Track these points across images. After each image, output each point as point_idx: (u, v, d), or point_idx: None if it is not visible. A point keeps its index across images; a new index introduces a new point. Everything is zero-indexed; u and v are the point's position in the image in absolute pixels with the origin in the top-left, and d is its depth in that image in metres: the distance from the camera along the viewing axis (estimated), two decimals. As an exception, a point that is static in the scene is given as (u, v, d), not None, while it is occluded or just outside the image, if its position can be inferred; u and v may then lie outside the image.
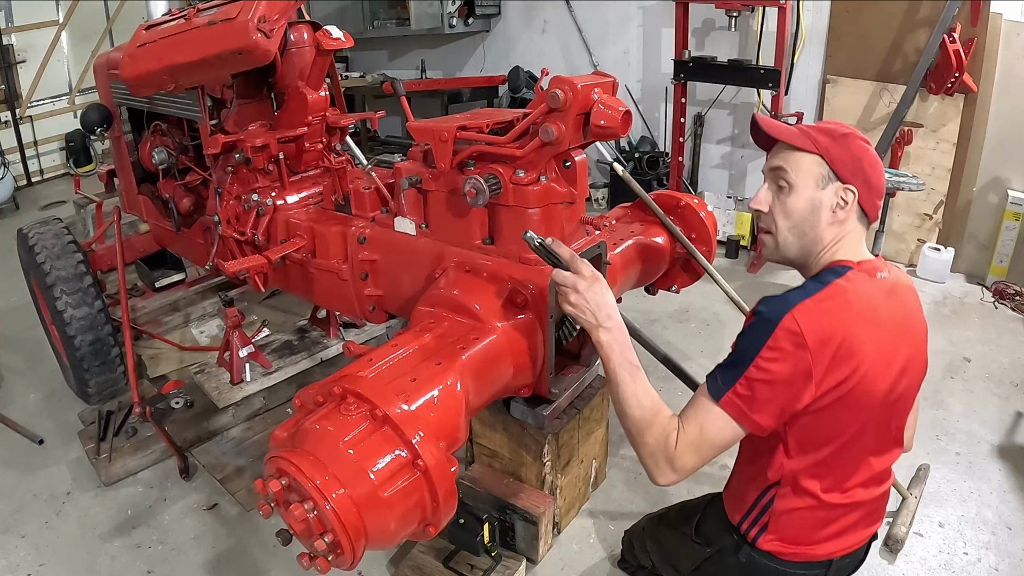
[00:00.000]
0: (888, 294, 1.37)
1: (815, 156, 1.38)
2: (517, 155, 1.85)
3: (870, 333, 1.30)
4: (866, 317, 1.31)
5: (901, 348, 1.36)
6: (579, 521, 2.48)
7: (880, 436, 1.41)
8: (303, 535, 1.39)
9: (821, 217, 1.39)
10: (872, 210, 1.41)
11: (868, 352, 1.29)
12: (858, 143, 1.39)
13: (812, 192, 1.39)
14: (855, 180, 1.37)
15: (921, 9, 4.20)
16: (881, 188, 1.41)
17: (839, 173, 1.37)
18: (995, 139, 4.22)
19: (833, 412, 1.31)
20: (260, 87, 2.60)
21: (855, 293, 1.32)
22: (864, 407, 1.33)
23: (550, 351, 1.95)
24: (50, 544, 2.47)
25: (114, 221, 3.31)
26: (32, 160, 7.15)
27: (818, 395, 1.28)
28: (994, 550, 2.33)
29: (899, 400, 1.40)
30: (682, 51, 4.77)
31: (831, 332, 1.26)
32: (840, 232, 1.40)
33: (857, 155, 1.38)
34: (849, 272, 1.35)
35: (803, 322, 1.25)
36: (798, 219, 1.41)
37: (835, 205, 1.38)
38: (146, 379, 3.26)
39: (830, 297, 1.30)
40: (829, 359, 1.26)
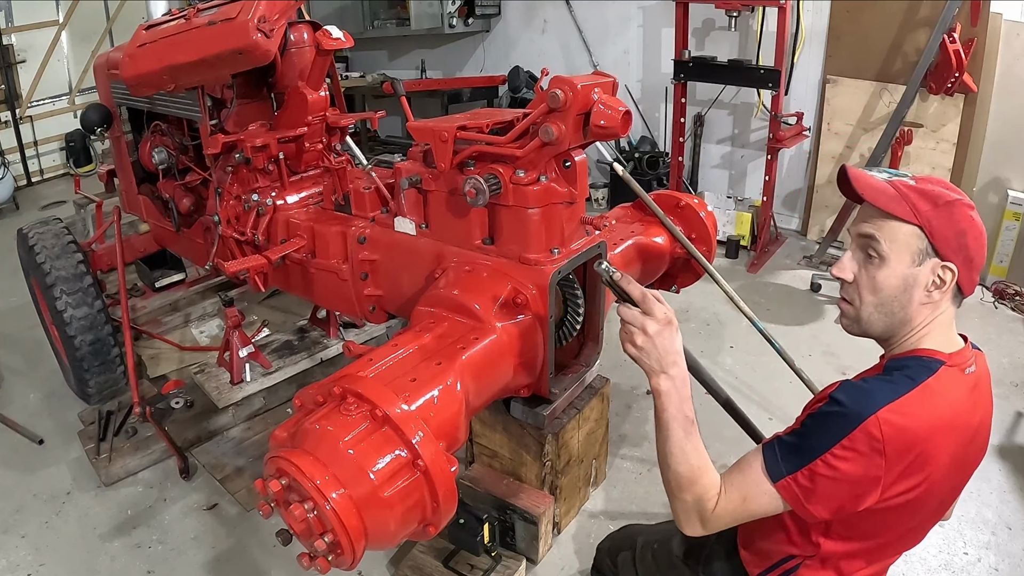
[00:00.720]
0: (972, 392, 1.25)
1: (914, 227, 1.22)
2: (517, 155, 1.85)
3: (949, 442, 1.19)
4: (949, 425, 1.19)
5: (972, 449, 1.26)
6: (579, 521, 2.48)
7: (927, 526, 1.36)
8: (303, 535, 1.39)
9: (914, 296, 1.24)
10: (969, 286, 1.25)
11: (942, 462, 1.19)
12: (964, 213, 1.23)
13: (906, 268, 1.24)
14: (956, 258, 1.21)
15: (921, 9, 4.20)
16: (981, 262, 1.25)
17: (939, 249, 1.21)
18: (995, 139, 4.22)
19: (891, 513, 1.23)
20: (260, 87, 2.60)
21: (944, 398, 1.19)
22: (924, 509, 1.26)
23: (550, 351, 1.95)
24: (50, 544, 2.47)
25: (114, 221, 3.31)
26: (32, 160, 7.15)
27: (881, 499, 1.18)
28: (994, 550, 2.33)
29: (941, 505, 1.32)
30: (682, 51, 4.77)
31: (913, 441, 1.15)
32: (933, 313, 1.26)
33: (962, 228, 1.22)
34: (941, 369, 1.21)
35: (887, 429, 1.13)
36: (887, 296, 1.26)
37: (930, 284, 1.23)
38: (146, 379, 3.25)
39: (920, 402, 1.17)
40: (903, 468, 1.16)
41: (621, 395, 3.14)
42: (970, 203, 1.26)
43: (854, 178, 1.31)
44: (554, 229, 1.95)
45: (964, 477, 1.32)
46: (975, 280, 1.26)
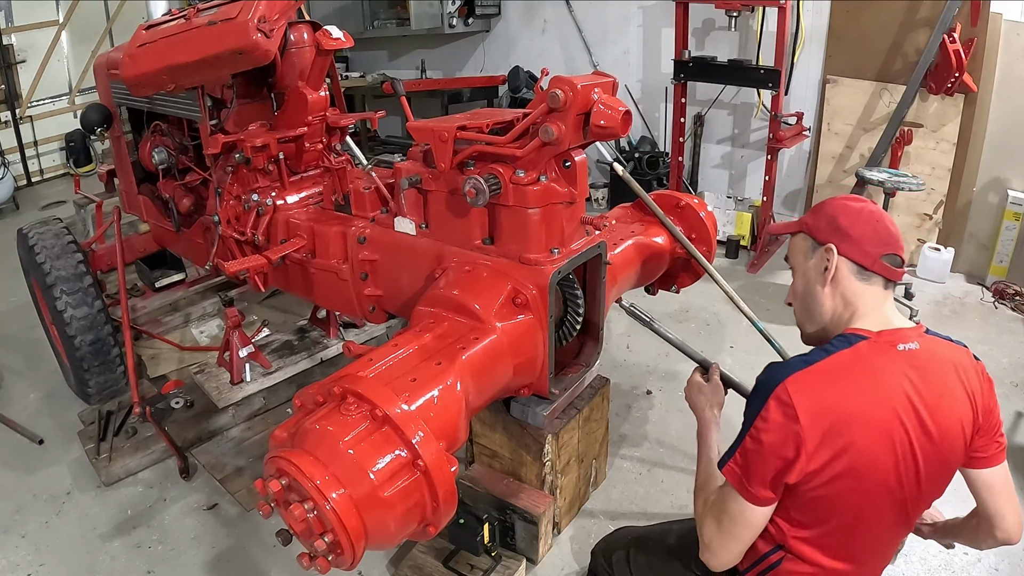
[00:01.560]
0: (911, 370, 1.28)
1: (800, 234, 1.46)
2: (517, 155, 1.85)
3: (874, 411, 1.24)
4: (871, 394, 1.24)
5: (915, 437, 1.26)
6: (579, 521, 2.48)
7: (895, 519, 1.35)
8: (303, 535, 1.39)
9: (816, 287, 1.41)
10: (867, 259, 1.35)
11: (867, 431, 1.23)
12: (838, 203, 1.42)
13: (804, 265, 1.44)
14: (831, 238, 1.38)
15: (921, 9, 4.20)
16: (870, 234, 1.36)
17: (817, 238, 1.41)
18: (995, 139, 4.22)
19: (832, 490, 1.26)
20: (260, 87, 2.60)
21: (862, 366, 1.26)
22: (868, 489, 1.27)
23: (550, 351, 1.95)
24: (50, 544, 2.47)
25: (114, 221, 3.31)
26: (32, 160, 7.16)
27: (811, 470, 1.24)
28: (994, 550, 2.32)
29: (919, 485, 1.32)
30: (682, 51, 4.77)
31: (825, 405, 1.22)
32: (845, 298, 1.37)
33: (832, 215, 1.40)
34: (861, 343, 1.30)
35: (795, 393, 1.23)
36: (800, 295, 1.46)
37: (822, 269, 1.39)
38: (146, 379, 3.25)
39: (830, 369, 1.26)
40: (822, 433, 1.22)
41: (621, 395, 3.14)
42: (855, 197, 1.45)
43: (771, 231, 1.63)
44: (554, 229, 1.95)
45: (925, 468, 1.29)
46: (869, 252, 1.36)
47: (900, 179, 3.77)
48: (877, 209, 1.41)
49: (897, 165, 4.42)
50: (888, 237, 1.37)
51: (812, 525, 1.32)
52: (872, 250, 1.35)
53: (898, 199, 4.36)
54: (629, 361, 3.47)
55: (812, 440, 1.21)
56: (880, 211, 1.41)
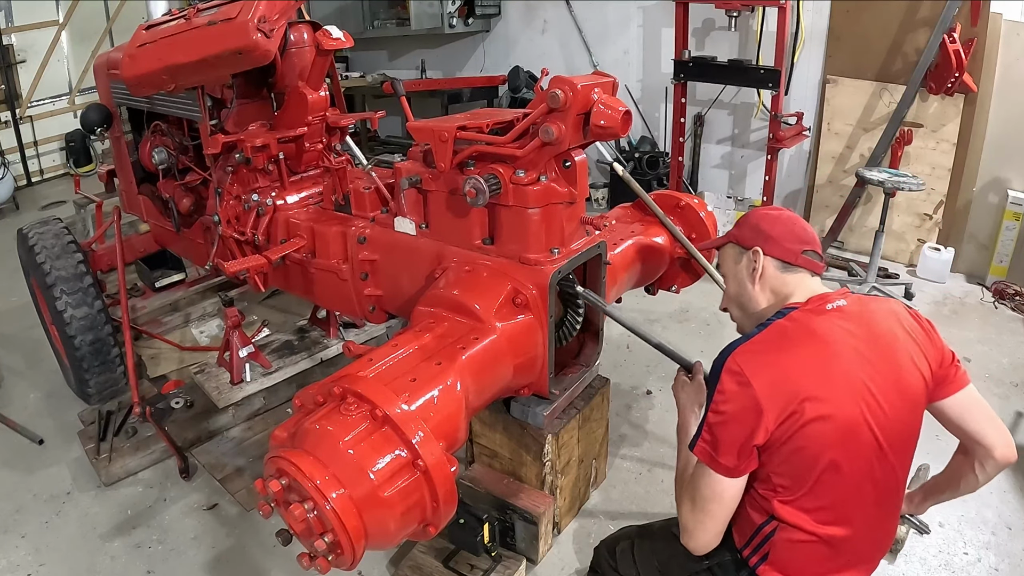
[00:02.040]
0: (844, 321, 1.41)
1: (728, 244, 1.65)
2: (517, 155, 1.85)
3: (818, 364, 1.35)
4: (811, 349, 1.37)
5: (865, 374, 1.36)
6: (579, 521, 2.48)
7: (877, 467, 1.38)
8: (303, 535, 1.39)
9: (747, 286, 1.58)
10: (789, 255, 1.52)
11: (817, 383, 1.33)
12: (759, 213, 1.61)
13: (734, 269, 1.62)
14: (756, 241, 1.56)
15: (921, 9, 4.20)
16: (788, 234, 1.53)
17: (743, 243, 1.59)
18: (995, 139, 4.22)
19: (800, 444, 1.33)
20: (260, 87, 2.60)
21: (797, 329, 1.41)
22: (838, 432, 1.32)
23: (550, 351, 1.95)
24: (50, 544, 2.47)
25: (114, 221, 3.31)
26: (32, 160, 7.16)
27: (776, 429, 1.32)
28: (994, 550, 2.33)
29: (888, 421, 1.37)
30: (682, 51, 4.77)
31: (772, 367, 1.34)
32: (774, 290, 1.55)
33: (754, 222, 1.59)
34: (793, 312, 1.45)
35: (743, 362, 1.35)
36: (734, 297, 1.64)
37: (750, 270, 1.56)
38: (146, 379, 3.25)
39: (770, 336, 1.41)
40: (776, 392, 1.32)
41: (621, 395, 3.14)
42: (774, 207, 1.65)
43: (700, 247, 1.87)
44: (554, 229, 1.95)
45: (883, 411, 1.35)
46: (790, 248, 1.53)
47: (900, 179, 3.77)
48: (794, 214, 1.61)
49: (897, 165, 4.42)
50: (805, 236, 1.55)
51: (794, 487, 1.36)
52: (792, 247, 1.53)
53: (898, 199, 4.37)
54: (629, 361, 3.47)
55: (768, 399, 1.31)
56: (795, 216, 1.60)
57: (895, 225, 4.57)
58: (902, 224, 4.59)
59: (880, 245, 3.97)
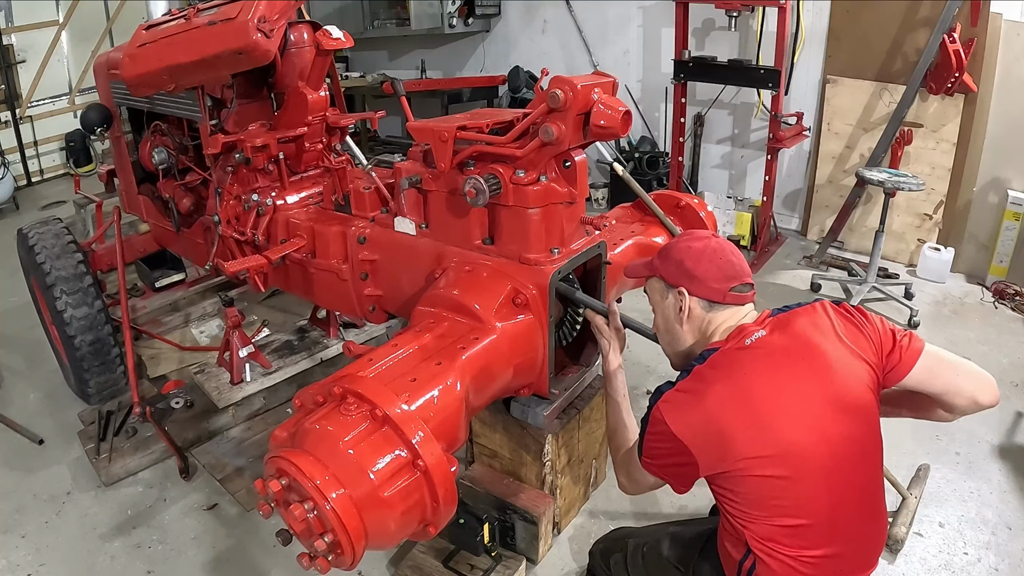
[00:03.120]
0: (766, 354, 1.39)
1: (655, 277, 1.59)
2: (517, 155, 1.85)
3: (747, 415, 1.32)
4: (736, 400, 1.34)
5: (799, 404, 1.34)
6: (579, 521, 2.48)
7: (842, 492, 1.35)
8: (303, 535, 1.39)
9: (674, 323, 1.55)
10: (716, 295, 1.49)
11: (749, 437, 1.31)
12: (680, 247, 1.54)
13: (662, 306, 1.59)
14: (680, 281, 1.51)
15: (921, 9, 4.20)
16: (715, 272, 1.48)
17: (668, 281, 1.54)
18: (995, 139, 4.22)
19: (746, 489, 1.34)
20: (260, 87, 2.60)
21: (718, 376, 1.37)
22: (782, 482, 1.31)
23: (550, 351, 1.95)
24: (50, 544, 2.47)
25: (114, 221, 3.31)
26: (32, 160, 7.15)
27: (713, 473, 1.35)
28: (994, 550, 2.33)
29: (850, 453, 1.35)
30: (682, 51, 4.77)
31: (695, 422, 1.34)
32: (701, 329, 1.52)
33: (678, 258, 1.52)
34: (713, 355, 1.42)
35: (666, 413, 1.37)
36: (663, 332, 1.61)
37: (677, 310, 1.53)
38: (146, 379, 3.25)
39: (691, 387, 1.39)
40: (705, 446, 1.33)
41: (621, 395, 3.14)
42: (698, 236, 1.56)
43: (625, 270, 1.74)
44: (554, 229, 1.95)
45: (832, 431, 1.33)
46: (716, 288, 1.49)
47: (900, 179, 3.77)
48: (719, 244, 1.53)
49: (897, 165, 4.42)
50: (731, 270, 1.49)
51: (758, 518, 1.35)
52: (719, 286, 1.49)
53: (898, 199, 4.37)
54: (629, 361, 3.47)
55: (698, 449, 1.33)
56: (721, 245, 1.52)
57: (895, 225, 4.57)
58: (902, 224, 4.59)
59: (880, 245, 3.97)
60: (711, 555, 1.54)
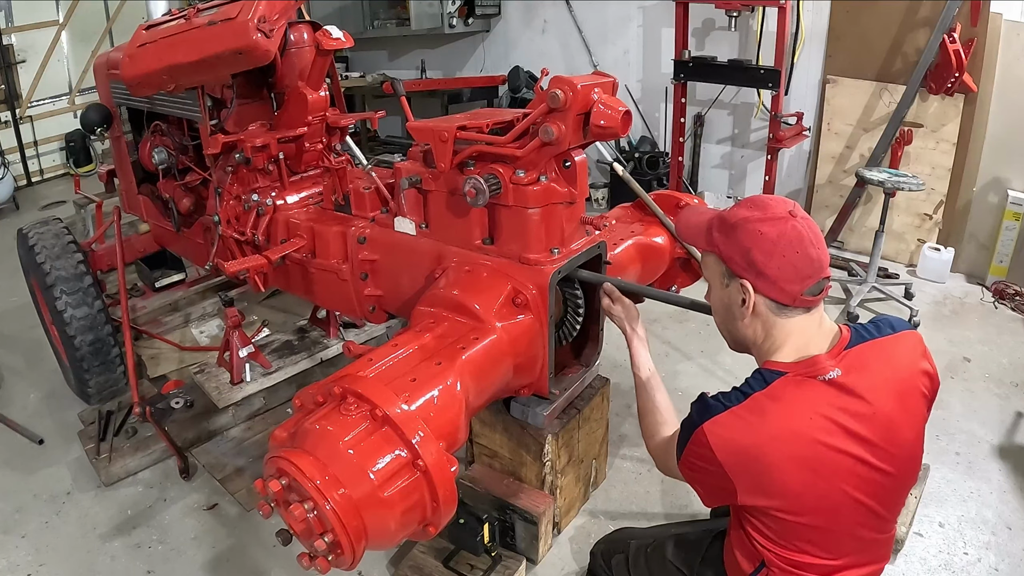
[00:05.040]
0: (835, 394, 1.25)
1: (713, 255, 1.37)
2: (517, 155, 1.85)
3: (797, 453, 1.22)
4: (788, 432, 1.22)
5: (858, 458, 1.24)
6: (579, 521, 2.48)
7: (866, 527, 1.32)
8: (303, 535, 1.39)
9: (735, 315, 1.36)
10: (786, 297, 1.28)
11: (796, 474, 1.22)
12: (751, 230, 1.28)
13: (720, 291, 1.39)
14: (747, 274, 1.29)
15: (921, 9, 4.20)
16: (788, 271, 1.26)
17: (732, 269, 1.33)
18: (995, 139, 4.22)
19: (784, 524, 1.28)
20: (260, 87, 2.60)
21: (781, 408, 1.24)
22: (823, 520, 1.27)
23: (550, 351, 1.95)
24: (50, 544, 2.47)
25: (114, 221, 3.31)
26: (32, 160, 7.16)
27: (751, 505, 1.28)
28: (994, 550, 2.33)
29: (882, 498, 1.31)
30: (682, 51, 4.77)
31: (742, 453, 1.24)
32: (765, 327, 1.33)
33: (746, 246, 1.28)
34: (777, 381, 1.27)
35: (712, 439, 1.26)
36: (719, 317, 1.44)
37: (740, 301, 1.33)
38: (146, 379, 3.25)
39: (744, 415, 1.25)
40: (749, 479, 1.25)
41: (621, 395, 3.14)
42: (773, 216, 1.27)
43: (677, 222, 1.50)
44: (554, 229, 1.95)
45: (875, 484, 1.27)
46: (788, 290, 1.27)
47: (900, 179, 3.77)
48: (796, 231, 1.26)
49: (897, 165, 4.42)
50: (809, 268, 1.26)
51: (781, 546, 1.31)
52: (791, 288, 1.27)
53: (898, 199, 4.37)
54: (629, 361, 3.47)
55: (742, 481, 1.25)
56: (799, 234, 1.26)
57: (895, 225, 4.57)
58: (902, 224, 4.59)
59: (880, 245, 3.97)
60: (715, 562, 1.53)
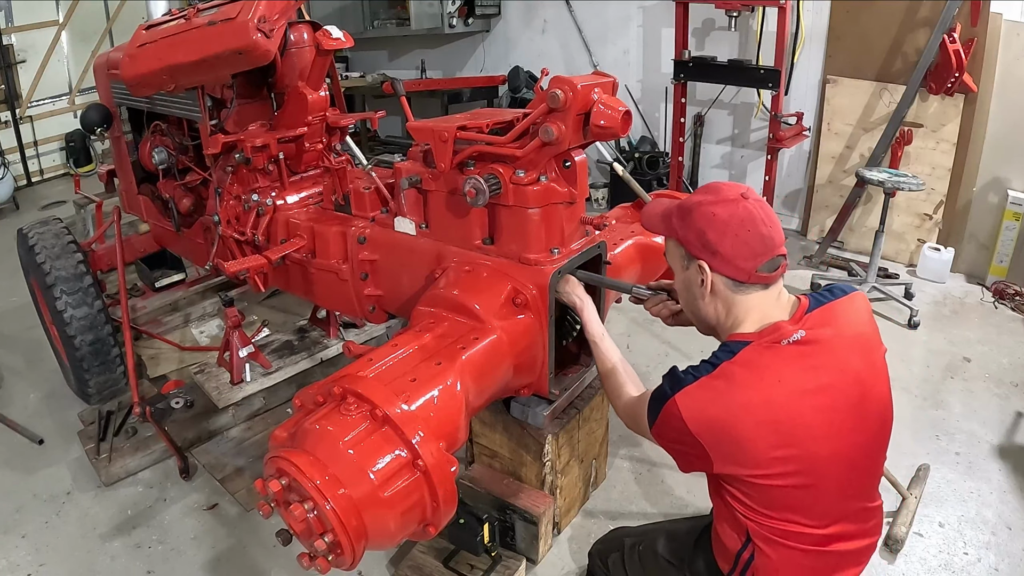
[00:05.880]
0: (801, 358, 1.29)
1: (673, 240, 1.44)
2: (517, 155, 1.85)
3: (768, 417, 1.24)
4: (762, 401, 1.25)
5: (827, 413, 1.28)
6: (579, 521, 2.48)
7: (848, 492, 1.34)
8: (303, 535, 1.39)
9: (696, 295, 1.41)
10: (741, 274, 1.32)
11: (768, 438, 1.24)
12: (703, 212, 1.34)
13: (681, 274, 1.44)
14: (703, 254, 1.35)
15: (921, 9, 4.20)
16: (741, 248, 1.31)
17: (689, 251, 1.39)
18: (995, 139, 4.22)
19: (763, 490, 1.29)
20: (260, 87, 2.60)
21: (747, 378, 1.27)
22: (802, 484, 1.28)
23: (550, 351, 1.95)
24: (50, 544, 2.47)
25: (114, 221, 3.31)
26: (32, 160, 7.15)
27: (727, 474, 1.30)
28: (994, 550, 2.33)
29: (858, 459, 1.33)
30: (682, 51, 4.78)
31: (714, 422, 1.26)
32: (725, 305, 1.38)
33: (700, 228, 1.34)
34: (743, 350, 1.30)
35: (684, 410, 1.28)
36: (683, 298, 1.49)
37: (699, 282, 1.38)
38: (146, 379, 3.25)
39: (713, 384, 1.28)
40: (722, 448, 1.27)
41: (621, 395, 3.14)
42: (725, 198, 1.34)
43: (642, 213, 1.54)
44: (554, 229, 1.95)
45: (848, 442, 1.30)
46: (742, 267, 1.33)
47: (900, 179, 3.77)
48: (747, 211, 1.31)
49: (897, 165, 4.42)
50: (760, 245, 1.31)
51: (763, 517, 1.33)
52: (745, 265, 1.32)
53: (898, 199, 4.37)
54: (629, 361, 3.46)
55: (715, 450, 1.27)
56: (750, 213, 1.31)
57: (895, 225, 4.57)
58: (902, 224, 4.59)
59: (880, 245, 3.97)
60: (705, 549, 1.54)
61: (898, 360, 3.41)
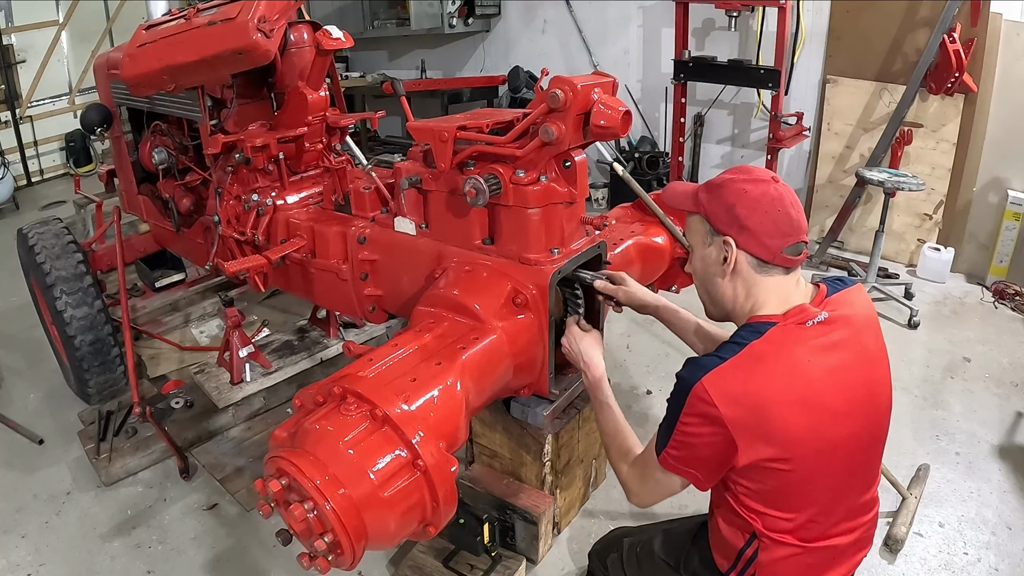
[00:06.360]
0: (826, 338, 1.30)
1: (697, 215, 1.42)
2: (517, 155, 1.85)
3: (791, 392, 1.24)
4: (787, 377, 1.25)
5: (849, 394, 1.29)
6: (579, 521, 2.48)
7: (854, 479, 1.36)
8: (303, 535, 1.39)
9: (714, 273, 1.40)
10: (766, 253, 1.32)
11: (795, 414, 1.24)
12: (734, 188, 1.34)
13: (702, 251, 1.42)
14: (730, 230, 1.34)
15: (921, 9, 4.20)
16: (770, 226, 1.31)
17: (715, 226, 1.37)
18: (995, 139, 4.22)
19: (782, 478, 1.28)
20: (260, 87, 2.60)
21: (775, 356, 1.27)
22: (819, 467, 1.28)
23: (550, 351, 1.95)
24: (50, 544, 2.47)
25: (114, 221, 3.31)
26: (32, 160, 7.16)
27: (751, 462, 1.26)
28: (994, 550, 2.33)
29: (867, 443, 1.36)
30: (682, 51, 4.78)
31: (745, 400, 1.23)
32: (745, 286, 1.37)
33: (730, 202, 1.34)
34: (771, 330, 1.29)
35: (713, 391, 1.23)
36: (699, 278, 1.46)
37: (722, 260, 1.37)
38: (146, 379, 3.25)
39: (745, 364, 1.26)
40: (752, 428, 1.23)
41: (621, 395, 3.14)
42: (756, 178, 1.35)
43: (664, 191, 1.53)
44: (554, 229, 1.95)
45: (866, 425, 1.33)
46: (769, 245, 1.32)
47: (900, 179, 3.77)
48: (778, 192, 1.33)
49: (897, 165, 4.42)
50: (788, 226, 1.32)
51: (771, 510, 1.32)
52: (772, 243, 1.32)
53: (898, 199, 4.37)
54: (629, 361, 3.47)
55: (743, 435, 1.23)
56: (780, 193, 1.33)
57: (895, 225, 4.57)
58: (902, 224, 4.59)
59: (880, 245, 3.97)
60: (702, 548, 1.54)
61: (898, 360, 3.41)
